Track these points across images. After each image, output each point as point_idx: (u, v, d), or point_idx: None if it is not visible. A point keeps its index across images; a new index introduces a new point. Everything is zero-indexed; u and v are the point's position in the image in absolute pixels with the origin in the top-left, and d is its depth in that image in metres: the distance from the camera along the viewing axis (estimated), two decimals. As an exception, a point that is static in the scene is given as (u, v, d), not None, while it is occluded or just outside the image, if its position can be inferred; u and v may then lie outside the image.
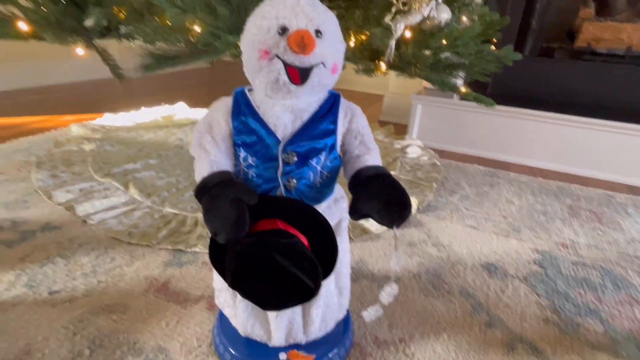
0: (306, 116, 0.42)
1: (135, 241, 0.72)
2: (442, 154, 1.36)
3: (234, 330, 0.49)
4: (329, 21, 0.39)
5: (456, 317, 0.59)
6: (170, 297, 0.59)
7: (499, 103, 1.34)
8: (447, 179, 1.13)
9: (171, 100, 1.74)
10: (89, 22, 0.64)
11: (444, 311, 0.60)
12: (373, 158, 0.44)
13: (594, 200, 1.05)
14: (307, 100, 0.41)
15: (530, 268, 0.73)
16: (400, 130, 1.56)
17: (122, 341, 0.51)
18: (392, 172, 1.09)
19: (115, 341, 0.51)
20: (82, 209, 0.79)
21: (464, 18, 0.96)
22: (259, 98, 0.42)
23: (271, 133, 0.41)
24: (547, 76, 1.47)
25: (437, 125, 1.43)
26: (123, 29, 0.71)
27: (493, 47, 1.05)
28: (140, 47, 0.61)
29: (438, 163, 1.22)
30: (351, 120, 0.44)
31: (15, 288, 0.59)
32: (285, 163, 0.41)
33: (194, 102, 1.76)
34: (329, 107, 0.43)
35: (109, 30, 0.73)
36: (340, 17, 0.90)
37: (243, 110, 0.41)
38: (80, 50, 0.68)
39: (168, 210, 0.83)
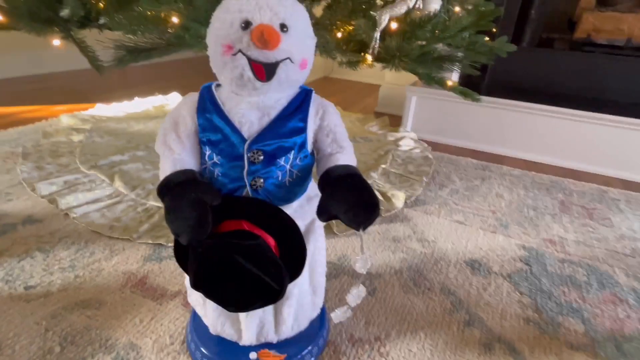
0: (274, 113, 0.40)
1: (117, 235, 0.71)
2: (436, 146, 1.34)
3: (205, 329, 0.49)
4: (296, 15, 0.38)
5: (435, 315, 0.59)
6: (146, 293, 0.59)
7: (495, 95, 1.33)
8: (438, 172, 1.11)
9: (167, 89, 1.72)
10: (64, 13, 0.62)
11: (422, 309, 0.60)
12: (345, 157, 0.43)
13: (587, 195, 1.04)
14: (275, 96, 0.40)
15: (515, 265, 0.72)
16: (396, 121, 1.54)
17: (94, 338, 0.50)
18: (383, 166, 1.09)
19: (87, 338, 0.50)
20: (64, 202, 0.79)
21: (457, 8, 0.94)
22: (224, 94, 0.40)
23: (236, 131, 0.39)
24: (546, 67, 1.44)
25: (432, 117, 1.41)
26: (102, 20, 0.69)
27: (487, 39, 1.03)
28: (113, 40, 0.60)
29: (430, 156, 1.20)
30: (323, 118, 0.43)
31: (-9, 282, 0.58)
32: (251, 162, 0.40)
33: (187, 92, 1.74)
34: (299, 104, 0.42)
35: (88, 20, 0.71)
36: (328, 7, 0.88)
37: (208, 106, 0.40)
38: (56, 42, 0.67)
39: (152, 203, 0.82)
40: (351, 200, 0.38)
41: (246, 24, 0.36)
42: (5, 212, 0.76)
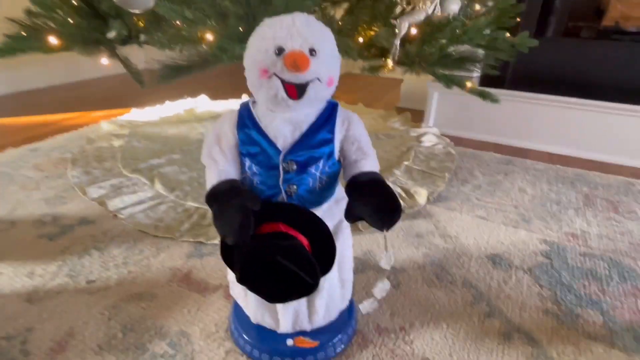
0: (305, 127, 0.45)
1: (161, 234, 0.78)
2: (458, 141, 1.35)
3: (247, 318, 0.54)
4: (323, 39, 0.42)
5: (456, 307, 0.62)
6: (191, 287, 0.65)
7: (519, 88, 1.32)
8: (461, 167, 1.13)
9: (194, 92, 1.80)
10: (111, 35, 0.69)
11: (445, 301, 0.64)
12: (369, 163, 0.47)
13: (613, 188, 1.04)
14: (306, 111, 0.45)
15: (536, 259, 0.75)
16: (418, 116, 1.56)
17: (150, 326, 0.57)
18: (405, 163, 1.12)
19: (144, 326, 0.57)
20: (112, 204, 0.87)
21: (477, 6, 0.95)
22: (261, 111, 0.45)
23: (272, 144, 0.44)
24: (572, 57, 1.42)
25: (454, 112, 1.42)
26: (143, 37, 0.76)
27: (508, 35, 1.03)
28: (154, 60, 0.66)
29: (453, 152, 1.22)
30: (348, 128, 0.47)
31: (58, 277, 0.66)
32: (286, 171, 0.45)
33: (215, 94, 1.82)
34: (327, 117, 0.46)
35: (130, 38, 0.78)
36: (350, 12, 0.91)
37: (247, 123, 0.45)
38: (104, 60, 0.74)
39: (190, 204, 0.89)
40: (376, 204, 0.42)
41: (279, 50, 0.40)
42: (63, 214, 0.85)
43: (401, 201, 0.92)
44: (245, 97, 1.69)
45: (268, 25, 0.42)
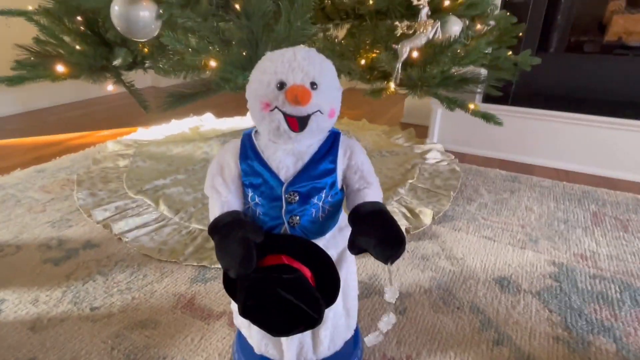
0: (307, 158, 0.45)
1: (165, 258, 0.78)
2: (463, 157, 1.35)
3: (250, 348, 0.54)
4: (324, 72, 0.42)
5: (464, 334, 0.61)
6: (195, 313, 0.65)
7: (523, 104, 1.32)
8: (466, 185, 1.13)
9: (199, 109, 1.82)
10: (117, 62, 0.70)
11: (452, 328, 0.62)
12: (373, 192, 0.47)
13: (621, 205, 1.02)
14: (307, 142, 0.45)
15: (545, 282, 0.73)
16: (423, 132, 1.56)
17: (153, 355, 0.57)
18: (410, 181, 1.11)
19: (148, 356, 0.57)
20: (117, 227, 0.87)
21: (478, 25, 0.96)
22: (263, 142, 0.46)
23: (274, 176, 0.44)
24: (575, 73, 1.42)
25: (458, 128, 1.42)
26: (147, 63, 0.77)
27: (510, 53, 1.04)
28: (162, 89, 0.66)
29: (457, 169, 1.22)
30: (350, 157, 0.47)
31: (62, 304, 0.66)
32: (288, 202, 0.45)
33: (221, 111, 1.84)
34: (329, 147, 0.46)
35: (134, 63, 0.79)
36: (352, 35, 0.92)
37: (249, 154, 0.45)
38: (110, 87, 0.75)
39: (194, 226, 0.89)
40: (380, 236, 0.42)
41: (281, 85, 0.40)
42: (68, 237, 0.85)
43: (406, 221, 0.91)
44: (250, 115, 1.70)
45: (269, 59, 0.42)
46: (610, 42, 1.41)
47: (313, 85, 0.41)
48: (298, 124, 0.41)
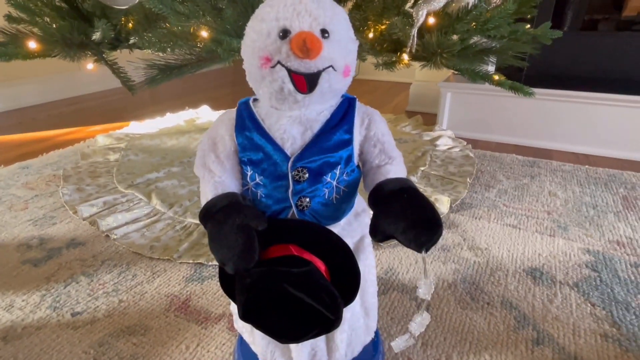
0: (317, 127, 0.37)
1: (157, 256, 0.70)
2: (475, 143, 1.27)
3: (254, 356, 0.46)
4: (337, 18, 0.34)
5: (498, 334, 0.53)
6: (190, 317, 0.57)
7: (536, 85, 1.24)
8: (482, 171, 1.05)
9: (196, 102, 1.74)
10: (96, 36, 0.62)
11: (484, 326, 0.55)
12: (396, 168, 0.39)
13: (652, 188, 0.95)
14: (317, 109, 0.37)
15: (582, 272, 0.65)
16: (430, 120, 1.48)
17: (142, 367, 0.49)
18: (422, 168, 1.03)
19: (135, 367, 0.49)
20: (105, 224, 0.79)
21: (494, -4, 0.87)
22: (264, 110, 0.38)
23: (278, 149, 0.36)
24: (591, 51, 1.34)
25: (469, 113, 1.34)
26: (132, 39, 0.69)
27: (528, 26, 0.96)
28: (144, 60, 0.59)
29: (471, 155, 1.14)
30: (369, 127, 0.40)
31: (40, 310, 0.59)
32: (296, 181, 0.37)
33: (218, 104, 1.76)
34: (343, 115, 0.38)
35: (118, 41, 0.71)
36: (357, 6, 0.84)
37: (247, 124, 0.38)
38: (89, 65, 0.67)
39: (189, 220, 0.81)
40: (410, 218, 0.34)
41: (284, 33, 0.33)
42: (50, 236, 0.77)
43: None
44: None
45: (269, 4, 0.34)
46: (628, 17, 1.33)
47: (324, 33, 0.33)
48: (306, 82, 0.33)
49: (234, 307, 0.47)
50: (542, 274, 0.65)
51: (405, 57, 0.66)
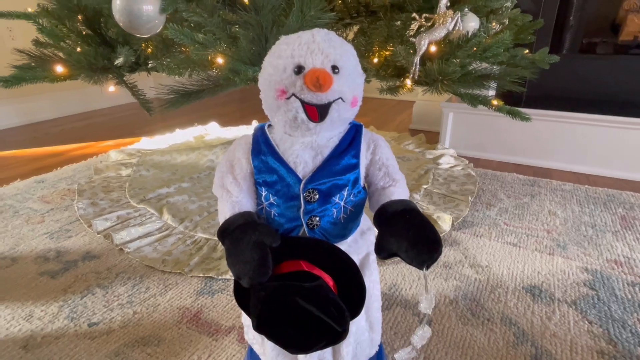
0: (327, 152, 0.40)
1: (169, 269, 0.73)
2: (477, 162, 1.30)
3: (264, 367, 0.48)
4: (346, 55, 0.38)
5: (498, 349, 0.55)
6: (201, 328, 0.59)
7: (537, 106, 1.28)
8: (484, 190, 1.08)
9: (204, 119, 1.79)
10: (119, 61, 0.66)
11: (484, 342, 0.57)
12: (399, 190, 0.42)
13: (650, 208, 0.97)
14: (327, 135, 0.40)
15: (580, 290, 0.67)
16: (432, 138, 1.51)
17: (156, 377, 0.51)
18: (424, 186, 1.06)
19: (150, 377, 0.51)
20: (119, 237, 0.82)
21: (494, 23, 0.92)
22: (278, 136, 0.41)
23: (291, 172, 0.40)
24: (589, 74, 1.38)
25: (471, 132, 1.37)
26: (151, 63, 0.73)
27: (527, 51, 1.00)
28: (165, 86, 0.63)
29: (473, 173, 1.17)
30: (374, 152, 0.43)
31: (58, 320, 0.61)
32: (307, 202, 0.40)
33: (226, 120, 1.81)
34: (351, 140, 0.42)
35: (137, 64, 0.75)
36: (363, 33, 0.89)
37: (263, 149, 0.41)
38: (111, 88, 0.71)
39: (200, 235, 0.84)
40: (412, 237, 0.37)
41: (299, 69, 0.36)
42: (67, 248, 0.80)
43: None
44: (255, 123, 1.67)
45: (285, 42, 0.38)
46: (624, 42, 1.37)
47: (334, 69, 0.37)
48: (318, 112, 0.36)
49: (245, 319, 0.49)
50: (541, 292, 0.67)
51: (408, 82, 0.70)
